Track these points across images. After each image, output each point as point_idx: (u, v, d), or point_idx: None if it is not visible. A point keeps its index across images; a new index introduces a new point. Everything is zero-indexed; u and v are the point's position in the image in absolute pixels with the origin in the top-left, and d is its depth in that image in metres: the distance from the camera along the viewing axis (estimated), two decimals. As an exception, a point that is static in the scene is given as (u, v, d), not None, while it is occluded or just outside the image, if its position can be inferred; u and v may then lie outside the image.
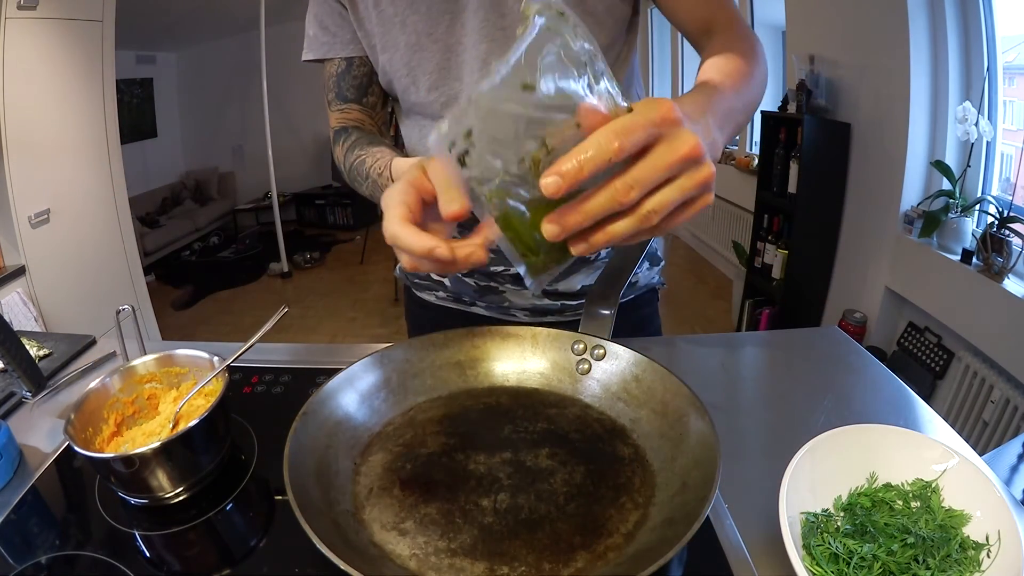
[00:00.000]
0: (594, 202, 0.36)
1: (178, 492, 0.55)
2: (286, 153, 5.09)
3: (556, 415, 0.63)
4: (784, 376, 0.77)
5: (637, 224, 0.37)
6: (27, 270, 2.18)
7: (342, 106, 0.80)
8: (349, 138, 0.77)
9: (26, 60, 2.13)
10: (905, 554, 0.44)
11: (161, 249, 4.68)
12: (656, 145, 0.35)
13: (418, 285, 0.92)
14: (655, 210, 0.36)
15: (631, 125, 0.34)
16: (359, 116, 0.80)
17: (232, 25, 4.73)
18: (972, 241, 1.93)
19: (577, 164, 0.34)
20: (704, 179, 0.36)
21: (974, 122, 1.81)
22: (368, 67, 0.79)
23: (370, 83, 0.80)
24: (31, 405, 0.73)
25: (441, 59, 0.70)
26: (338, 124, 0.81)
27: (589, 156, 0.34)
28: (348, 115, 0.81)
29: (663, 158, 0.35)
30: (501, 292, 0.87)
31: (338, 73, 0.79)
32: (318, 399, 0.57)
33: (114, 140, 2.61)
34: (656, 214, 0.36)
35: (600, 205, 0.36)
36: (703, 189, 0.37)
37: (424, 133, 0.79)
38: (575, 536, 0.48)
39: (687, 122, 0.36)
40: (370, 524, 0.50)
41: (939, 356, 2.04)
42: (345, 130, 0.79)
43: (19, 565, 0.49)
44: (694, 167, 0.36)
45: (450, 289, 0.87)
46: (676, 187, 0.36)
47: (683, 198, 0.36)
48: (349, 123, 0.80)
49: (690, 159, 0.35)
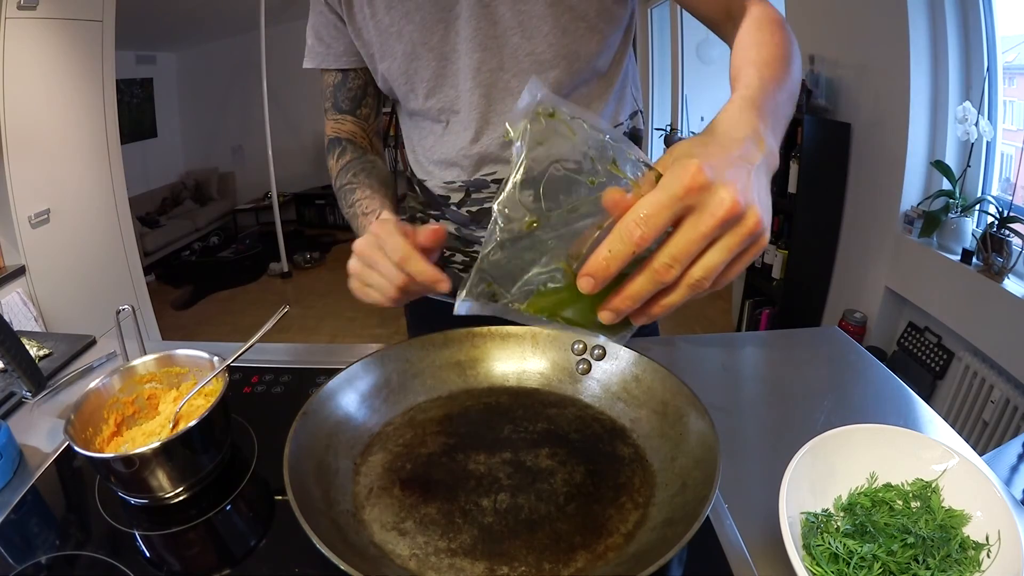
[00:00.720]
0: (638, 286, 0.36)
1: (178, 492, 0.55)
2: (286, 153, 5.09)
3: (556, 415, 0.63)
4: (784, 376, 0.77)
5: (688, 293, 0.36)
6: (27, 270, 2.18)
7: (337, 116, 0.84)
8: (344, 155, 0.80)
9: (26, 60, 2.12)
10: (905, 554, 0.44)
11: (161, 249, 4.68)
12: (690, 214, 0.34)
13: None
14: (704, 277, 0.35)
15: (655, 207, 0.33)
16: (352, 128, 0.84)
17: (232, 25, 4.73)
18: (972, 241, 1.93)
19: (604, 263, 0.34)
20: (749, 231, 0.35)
21: (974, 122, 1.81)
22: (363, 79, 0.82)
23: (364, 95, 0.83)
24: (31, 405, 0.73)
25: (437, 67, 0.72)
26: (333, 134, 0.84)
27: (613, 253, 0.34)
28: (342, 126, 0.84)
29: (698, 228, 0.34)
30: None
31: (335, 84, 0.82)
32: (318, 399, 0.57)
33: (114, 140, 2.61)
34: (706, 280, 0.36)
35: (644, 288, 0.36)
36: (751, 239, 0.36)
37: (424, 135, 0.80)
38: (575, 536, 0.48)
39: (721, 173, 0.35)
40: (370, 524, 0.50)
41: (939, 356, 2.04)
42: (339, 142, 0.83)
43: (19, 565, 0.49)
44: (737, 224, 0.35)
45: None
46: (721, 249, 0.35)
47: (731, 257, 0.35)
48: (342, 135, 0.83)
49: (729, 220, 0.34)
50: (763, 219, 0.36)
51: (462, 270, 0.86)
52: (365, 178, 0.76)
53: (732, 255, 0.35)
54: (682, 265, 0.35)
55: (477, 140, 0.74)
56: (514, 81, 0.71)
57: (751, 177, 0.37)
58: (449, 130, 0.76)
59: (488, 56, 0.69)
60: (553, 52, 0.69)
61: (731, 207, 0.33)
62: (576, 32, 0.69)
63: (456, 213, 0.82)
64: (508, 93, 0.71)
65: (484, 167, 0.76)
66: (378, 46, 0.73)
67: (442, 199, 0.82)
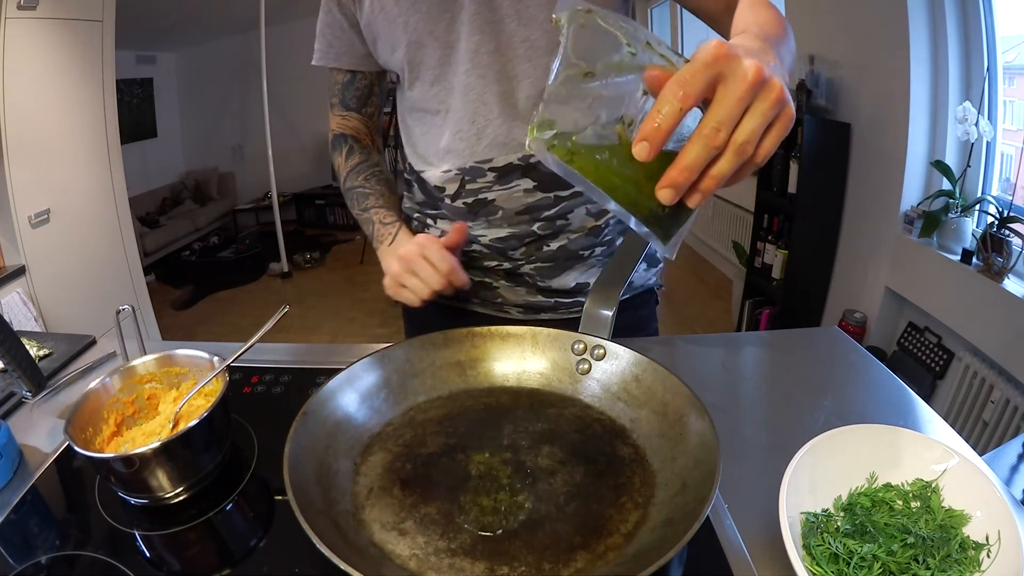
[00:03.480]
0: (691, 154, 0.38)
1: (178, 492, 0.55)
2: (286, 153, 5.09)
3: (556, 415, 0.63)
4: (784, 376, 0.77)
5: (736, 158, 0.39)
6: (27, 270, 2.18)
7: (344, 113, 0.89)
8: (352, 155, 0.87)
9: (26, 60, 2.12)
10: (905, 554, 0.44)
11: (161, 249, 4.68)
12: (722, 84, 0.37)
13: None
14: (747, 140, 0.38)
15: (690, 72, 0.36)
16: (357, 125, 0.89)
17: (232, 25, 4.72)
18: (972, 241, 1.93)
19: (656, 124, 0.37)
20: (777, 97, 0.38)
21: (974, 122, 1.81)
22: (369, 80, 0.87)
23: (370, 95, 0.88)
24: (31, 405, 0.73)
25: (441, 55, 0.74)
26: (338, 129, 0.89)
27: (664, 113, 0.37)
28: (348, 122, 0.89)
29: (733, 93, 0.37)
30: (495, 288, 0.88)
31: (343, 82, 0.87)
32: (318, 399, 0.57)
33: (114, 140, 2.61)
34: (749, 143, 0.38)
35: (697, 155, 0.38)
36: (780, 105, 0.38)
37: (426, 129, 0.81)
38: (575, 536, 0.48)
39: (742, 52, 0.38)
40: (370, 524, 0.50)
41: (939, 356, 2.04)
42: (345, 139, 0.88)
43: (19, 565, 0.49)
44: (764, 89, 0.38)
45: None
46: (756, 112, 0.38)
47: (766, 121, 0.38)
48: (348, 131, 0.89)
49: (757, 83, 0.37)
50: (785, 91, 0.39)
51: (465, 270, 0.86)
52: (376, 184, 0.85)
53: (767, 119, 0.38)
54: (728, 127, 0.37)
55: (473, 122, 0.75)
56: (509, 65, 0.73)
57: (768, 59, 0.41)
58: (448, 117, 0.77)
59: (485, 39, 0.71)
60: (547, 40, 0.71)
61: (756, 72, 0.37)
62: None
63: (452, 207, 0.83)
64: (504, 76, 0.73)
65: (480, 153, 0.77)
66: (386, 36, 0.76)
67: (438, 191, 0.83)
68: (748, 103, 0.38)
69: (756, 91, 0.37)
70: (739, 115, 0.38)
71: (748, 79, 0.37)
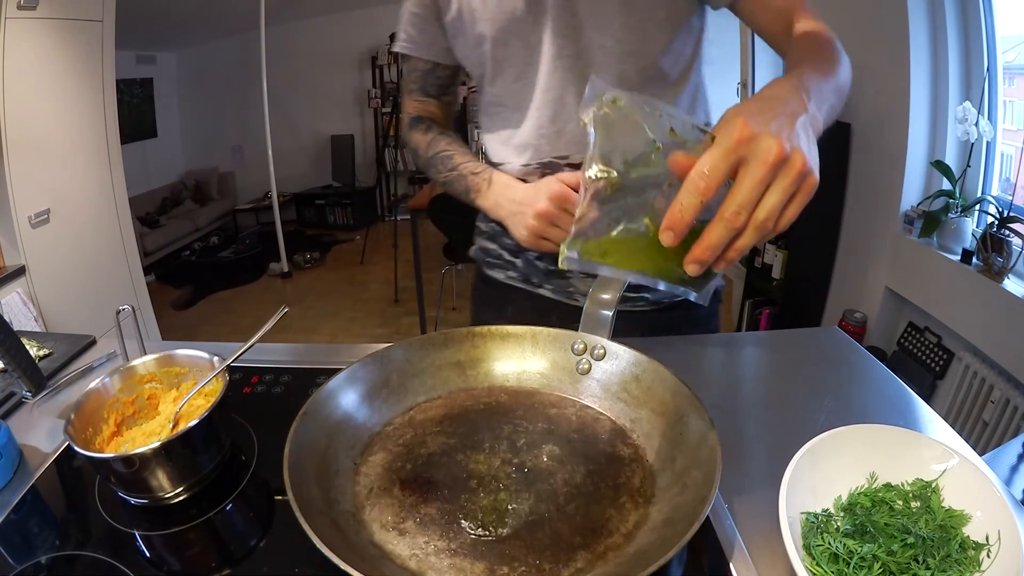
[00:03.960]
0: (715, 235, 0.41)
1: (178, 492, 0.55)
2: (286, 153, 5.09)
3: (556, 415, 0.63)
4: (784, 376, 0.77)
5: (757, 234, 0.41)
6: (27, 270, 2.18)
7: (423, 99, 0.94)
8: (431, 130, 0.92)
9: (26, 60, 2.12)
10: (905, 554, 0.44)
11: (161, 249, 4.68)
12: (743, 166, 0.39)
13: (490, 264, 0.96)
14: (768, 217, 0.40)
15: (712, 163, 0.39)
16: (434, 111, 0.95)
17: (232, 25, 4.73)
18: (972, 241, 1.93)
19: (679, 215, 0.40)
20: (798, 171, 0.40)
21: (974, 122, 1.81)
22: (450, 71, 0.92)
23: (451, 84, 0.94)
24: (31, 405, 0.73)
25: (524, 55, 0.79)
26: (415, 112, 0.95)
27: (686, 205, 0.39)
28: (426, 107, 0.95)
29: (754, 176, 0.39)
30: (567, 277, 0.89)
31: (424, 71, 0.92)
32: (318, 399, 0.57)
33: (114, 140, 2.61)
34: (770, 220, 0.41)
35: (720, 236, 0.41)
36: (801, 179, 0.40)
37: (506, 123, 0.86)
38: (575, 536, 0.48)
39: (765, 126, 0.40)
40: (370, 524, 0.50)
41: (939, 356, 2.04)
42: (421, 119, 0.94)
43: (19, 565, 0.49)
44: (785, 166, 0.39)
45: (520, 269, 0.92)
46: (777, 190, 0.40)
47: (787, 196, 0.40)
48: (424, 114, 0.95)
49: (778, 163, 0.39)
50: (808, 160, 0.40)
51: (538, 258, 0.90)
52: (458, 146, 0.90)
53: (787, 195, 0.40)
54: (748, 210, 0.40)
55: (553, 120, 0.80)
56: (588, 70, 0.77)
57: (794, 125, 0.42)
58: (529, 114, 0.82)
59: (567, 43, 0.76)
60: (621, 48, 0.75)
61: (778, 152, 0.39)
62: (644, 31, 0.75)
63: None
64: (583, 79, 0.77)
65: (559, 149, 0.81)
66: (471, 34, 0.80)
67: None
68: (769, 182, 0.39)
69: (777, 170, 0.39)
70: (759, 196, 0.40)
71: (769, 161, 0.38)
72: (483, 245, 0.96)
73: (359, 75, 5.39)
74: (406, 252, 3.42)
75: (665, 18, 0.75)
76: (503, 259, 0.94)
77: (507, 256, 0.92)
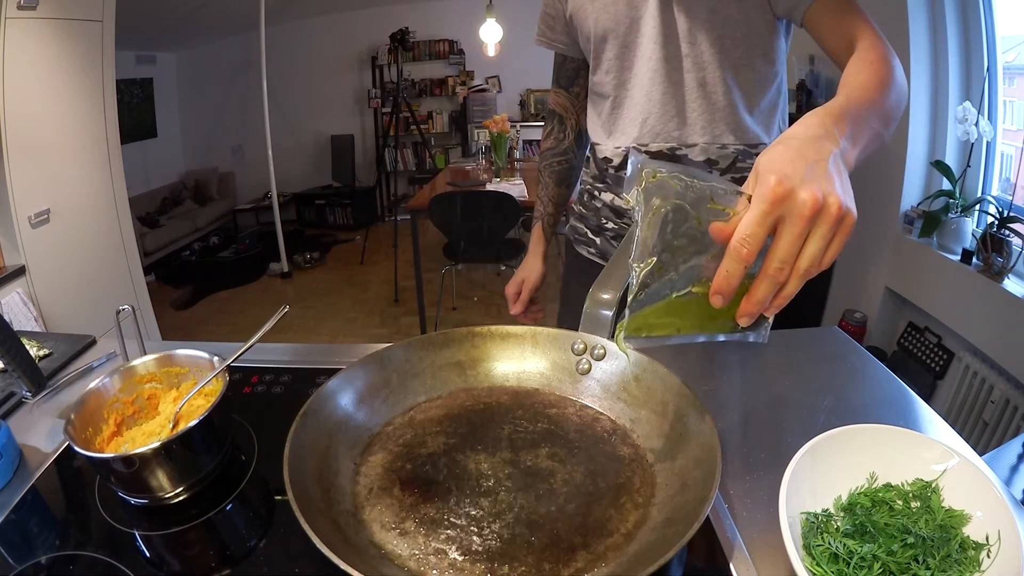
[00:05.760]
0: (761, 291, 0.43)
1: (178, 492, 0.55)
2: (286, 153, 5.09)
3: (556, 415, 0.63)
4: (784, 376, 0.77)
5: (801, 281, 0.43)
6: (27, 270, 2.17)
7: (556, 89, 1.06)
8: (548, 137, 1.10)
9: (26, 60, 2.12)
10: (905, 554, 0.44)
11: (161, 249, 4.67)
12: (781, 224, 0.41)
13: (576, 240, 1.10)
14: (810, 265, 0.42)
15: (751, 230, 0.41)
16: (564, 102, 1.06)
17: (232, 25, 4.72)
18: (972, 241, 1.93)
19: (725, 281, 0.42)
20: (834, 218, 0.41)
21: (974, 122, 1.81)
22: (577, 63, 1.01)
23: (577, 76, 1.03)
24: (31, 405, 0.73)
25: (620, 52, 0.88)
26: (551, 104, 1.09)
27: (730, 271, 0.42)
28: (558, 99, 1.07)
29: (792, 231, 0.41)
30: None
31: (558, 63, 1.04)
32: (318, 399, 0.57)
33: (114, 140, 2.61)
34: (813, 267, 0.42)
35: (766, 291, 0.43)
36: (838, 224, 0.42)
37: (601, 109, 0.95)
38: (575, 536, 0.48)
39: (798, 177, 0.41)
40: (370, 524, 0.50)
41: (939, 356, 2.04)
42: (552, 115, 1.09)
43: (19, 565, 0.49)
44: (822, 215, 0.41)
45: (599, 247, 1.05)
46: (816, 238, 0.41)
47: (826, 242, 0.42)
48: (557, 108, 1.08)
49: (814, 215, 0.40)
50: (844, 202, 0.42)
51: (613, 237, 1.00)
52: (548, 177, 1.11)
53: (827, 241, 0.42)
54: (790, 265, 0.42)
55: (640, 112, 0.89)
56: (675, 74, 0.85)
57: (826, 168, 0.44)
58: (621, 103, 0.91)
59: (659, 48, 0.84)
60: (706, 57, 0.83)
61: (813, 205, 0.40)
62: (727, 42, 0.82)
63: (616, 177, 0.96)
64: (669, 81, 0.86)
65: (642, 137, 0.90)
66: (582, 28, 0.91)
67: (604, 163, 0.97)
68: (808, 232, 0.41)
69: (814, 221, 0.41)
70: (800, 248, 0.41)
71: (805, 215, 0.40)
72: (573, 224, 1.11)
73: (359, 75, 5.38)
74: (406, 252, 3.42)
75: (748, 29, 0.81)
76: (587, 237, 1.07)
77: (589, 235, 1.06)
